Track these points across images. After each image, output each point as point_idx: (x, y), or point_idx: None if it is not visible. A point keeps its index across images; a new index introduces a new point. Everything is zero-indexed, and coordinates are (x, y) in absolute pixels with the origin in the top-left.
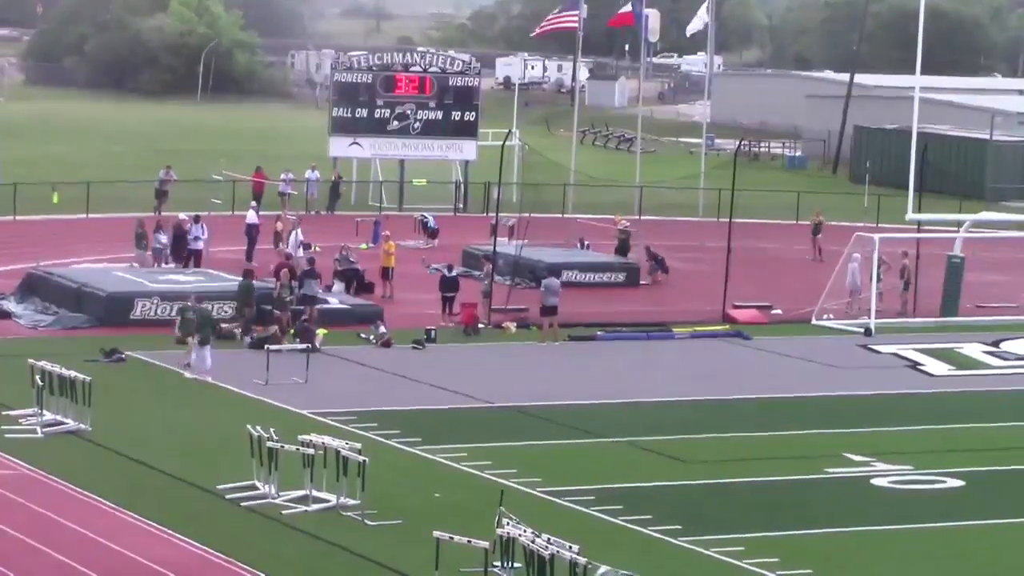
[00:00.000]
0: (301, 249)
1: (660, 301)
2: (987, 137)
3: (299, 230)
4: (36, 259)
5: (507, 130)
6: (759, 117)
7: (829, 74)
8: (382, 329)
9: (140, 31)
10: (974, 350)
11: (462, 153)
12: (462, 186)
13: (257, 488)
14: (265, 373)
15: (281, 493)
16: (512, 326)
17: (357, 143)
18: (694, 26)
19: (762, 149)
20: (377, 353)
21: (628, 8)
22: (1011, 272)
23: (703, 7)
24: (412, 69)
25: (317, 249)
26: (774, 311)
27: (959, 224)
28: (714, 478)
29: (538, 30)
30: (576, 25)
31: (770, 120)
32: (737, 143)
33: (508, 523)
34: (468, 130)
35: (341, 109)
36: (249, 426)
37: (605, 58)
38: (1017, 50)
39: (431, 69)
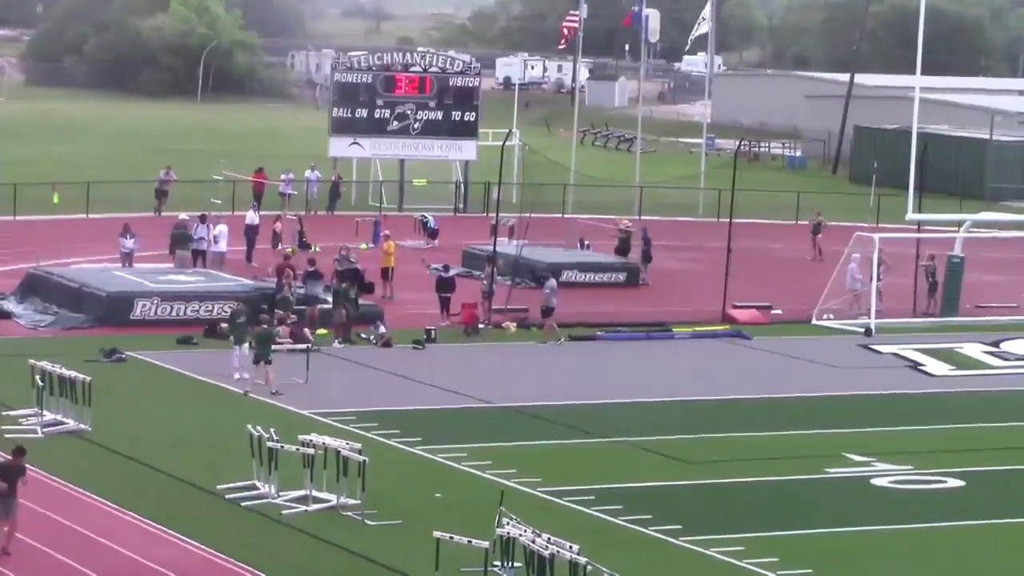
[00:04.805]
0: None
1: (660, 301)
2: (987, 137)
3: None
4: (36, 259)
5: (507, 130)
6: (759, 117)
7: (829, 74)
8: (382, 329)
9: (140, 31)
10: (974, 350)
11: (462, 153)
12: (462, 186)
13: (257, 488)
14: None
15: (281, 493)
16: (512, 326)
17: (357, 143)
18: (693, 35)
19: (762, 149)
20: (377, 353)
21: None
22: (1011, 272)
23: (695, 28)
24: (412, 69)
25: (317, 249)
26: (774, 311)
27: (959, 224)
28: (714, 478)
29: (564, 40)
30: (576, 25)
31: (770, 120)
32: (737, 143)
33: (508, 523)
34: (468, 130)
35: (341, 109)
36: (249, 426)
37: (605, 58)
38: (1017, 50)
39: (431, 69)
